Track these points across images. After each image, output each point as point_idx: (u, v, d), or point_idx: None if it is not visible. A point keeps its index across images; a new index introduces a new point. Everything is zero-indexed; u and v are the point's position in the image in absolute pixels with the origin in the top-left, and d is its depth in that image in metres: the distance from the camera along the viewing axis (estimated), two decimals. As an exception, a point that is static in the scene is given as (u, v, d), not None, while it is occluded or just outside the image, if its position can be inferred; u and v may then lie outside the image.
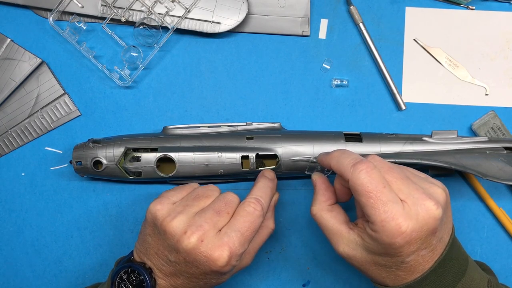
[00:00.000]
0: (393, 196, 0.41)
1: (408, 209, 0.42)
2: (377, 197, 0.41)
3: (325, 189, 0.49)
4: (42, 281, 0.60)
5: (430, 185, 0.44)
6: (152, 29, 0.59)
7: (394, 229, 0.41)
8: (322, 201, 0.49)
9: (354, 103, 0.61)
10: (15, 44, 0.60)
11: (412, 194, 0.42)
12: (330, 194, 0.49)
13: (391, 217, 0.41)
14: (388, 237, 0.41)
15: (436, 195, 0.43)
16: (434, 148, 0.56)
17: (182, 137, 0.57)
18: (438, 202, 0.43)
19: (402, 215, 0.41)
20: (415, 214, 0.41)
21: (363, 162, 0.42)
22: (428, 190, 0.44)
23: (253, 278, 0.60)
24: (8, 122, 0.60)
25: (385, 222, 0.41)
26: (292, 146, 0.56)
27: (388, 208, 0.41)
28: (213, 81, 0.61)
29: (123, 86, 0.60)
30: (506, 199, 0.60)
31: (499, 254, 0.60)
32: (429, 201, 0.42)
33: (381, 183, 0.42)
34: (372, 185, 0.41)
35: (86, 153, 0.56)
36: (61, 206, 0.61)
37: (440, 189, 0.44)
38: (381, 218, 0.41)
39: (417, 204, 0.42)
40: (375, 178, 0.42)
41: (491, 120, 0.59)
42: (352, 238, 0.46)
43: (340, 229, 0.47)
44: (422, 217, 0.42)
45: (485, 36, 0.61)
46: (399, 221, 0.41)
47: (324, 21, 0.61)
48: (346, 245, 0.46)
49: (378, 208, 0.41)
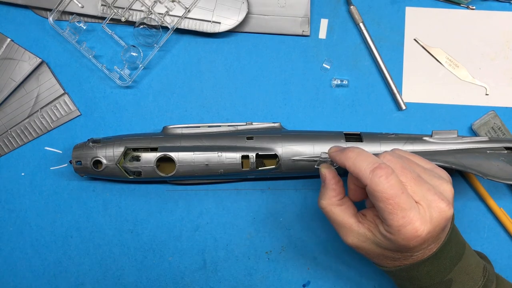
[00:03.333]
0: (410, 202, 0.42)
1: (423, 212, 0.43)
2: (395, 203, 0.42)
3: (335, 183, 0.48)
4: (42, 281, 0.60)
5: (439, 181, 0.45)
6: (152, 29, 0.59)
7: (410, 233, 0.42)
8: (332, 196, 0.48)
9: (354, 103, 0.61)
10: (15, 44, 0.60)
11: (426, 195, 0.43)
12: (340, 189, 0.48)
13: (408, 222, 0.42)
14: (403, 240, 0.43)
15: (446, 193, 0.45)
16: (434, 148, 0.56)
17: (182, 137, 0.57)
18: (449, 201, 0.44)
19: (418, 219, 0.42)
20: (430, 217, 0.43)
21: (382, 168, 0.42)
22: (439, 188, 0.45)
23: (253, 278, 0.60)
24: (8, 122, 0.60)
25: (402, 227, 0.42)
26: (292, 146, 0.56)
27: (406, 213, 0.42)
28: (213, 81, 0.61)
29: (123, 86, 0.60)
30: (506, 199, 0.60)
31: (499, 254, 0.60)
32: (441, 202, 0.43)
33: (400, 189, 0.42)
34: (391, 191, 0.42)
35: (86, 153, 0.56)
36: (61, 206, 0.60)
37: (449, 184, 0.45)
38: (399, 223, 0.42)
39: (431, 207, 0.43)
40: (394, 184, 0.42)
41: (492, 120, 0.59)
42: (362, 232, 0.46)
43: (350, 223, 0.47)
44: (436, 219, 0.43)
45: (485, 36, 0.61)
46: (416, 225, 0.42)
47: (324, 21, 0.61)
48: (355, 237, 0.47)
49: (397, 214, 0.42)
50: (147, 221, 0.60)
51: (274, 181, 0.60)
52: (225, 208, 0.60)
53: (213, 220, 0.60)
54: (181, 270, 0.60)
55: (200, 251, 0.60)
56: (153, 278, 0.60)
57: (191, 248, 0.60)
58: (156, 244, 0.60)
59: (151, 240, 0.60)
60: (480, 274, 0.47)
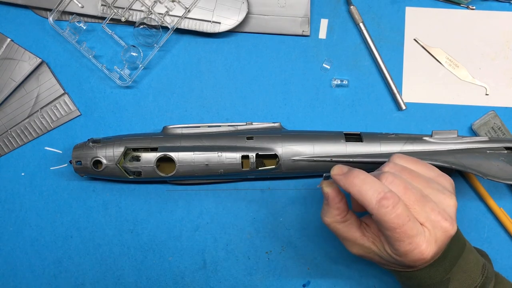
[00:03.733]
0: (417, 228, 0.43)
1: (429, 235, 0.43)
2: (403, 232, 0.42)
3: (338, 201, 0.48)
4: (42, 281, 0.60)
5: (443, 195, 0.45)
6: (152, 29, 0.59)
7: (417, 256, 0.43)
8: (336, 214, 0.48)
9: (354, 103, 0.61)
10: (15, 44, 0.60)
11: (430, 216, 0.44)
12: (343, 206, 0.48)
13: (415, 247, 0.43)
14: (410, 262, 0.44)
15: (449, 209, 0.45)
16: (434, 148, 0.56)
17: (182, 137, 0.57)
18: (452, 219, 0.44)
19: (424, 242, 0.43)
20: (435, 239, 0.43)
21: (388, 198, 0.42)
22: (442, 205, 0.45)
23: (253, 278, 0.60)
24: (8, 122, 0.60)
25: (410, 252, 0.43)
26: (292, 146, 0.56)
27: (413, 240, 0.43)
28: (213, 81, 0.61)
29: (123, 86, 0.60)
30: (506, 199, 0.60)
31: (499, 254, 0.60)
32: (445, 222, 0.44)
33: (406, 217, 0.42)
34: (398, 221, 0.42)
35: (86, 153, 0.56)
36: (60, 206, 0.60)
37: (452, 198, 0.45)
38: (406, 249, 0.43)
39: (435, 227, 0.43)
40: (401, 213, 0.42)
41: (492, 120, 0.59)
42: (367, 245, 0.47)
43: (355, 237, 0.48)
44: (440, 239, 0.44)
45: (485, 36, 0.61)
46: (422, 249, 0.43)
47: (324, 21, 0.61)
48: (360, 249, 0.48)
49: (404, 241, 0.43)
50: (147, 221, 0.60)
51: (274, 181, 0.60)
52: (225, 208, 0.60)
53: (213, 220, 0.60)
54: (181, 270, 0.60)
55: (200, 251, 0.60)
56: (153, 278, 0.60)
57: (191, 248, 0.60)
58: (156, 244, 0.60)
59: (151, 240, 0.60)
60: (478, 272, 0.47)
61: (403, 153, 0.55)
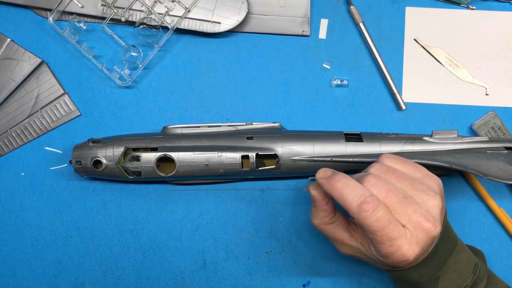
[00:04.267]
0: (398, 230, 0.43)
1: (410, 236, 0.44)
2: (383, 234, 0.43)
3: (325, 204, 0.49)
4: (42, 281, 0.60)
5: (427, 196, 0.45)
6: (152, 29, 0.59)
7: (399, 258, 0.44)
8: (324, 216, 0.49)
9: (354, 103, 0.61)
10: (15, 44, 0.60)
11: (412, 218, 0.44)
12: (330, 208, 0.49)
13: (396, 249, 0.43)
14: (393, 263, 0.45)
15: (433, 210, 0.45)
16: (434, 148, 0.56)
17: (182, 137, 0.57)
18: (435, 220, 0.45)
19: (405, 244, 0.44)
20: (416, 239, 0.44)
21: (368, 202, 0.43)
22: (426, 206, 0.45)
23: (253, 278, 0.60)
24: (8, 122, 0.60)
25: (391, 254, 0.44)
26: (292, 146, 0.56)
27: (394, 242, 0.43)
28: (213, 81, 0.61)
29: (123, 86, 0.60)
30: (506, 199, 0.60)
31: (499, 254, 0.60)
32: (427, 223, 0.44)
33: (387, 220, 0.43)
34: (378, 224, 0.43)
35: (86, 152, 0.56)
36: (60, 206, 0.60)
37: (437, 198, 0.45)
38: (388, 251, 0.44)
39: (417, 228, 0.44)
40: (381, 216, 0.43)
41: (492, 120, 0.59)
42: (355, 245, 0.49)
43: (343, 237, 0.49)
44: (422, 241, 0.44)
45: (485, 36, 0.61)
46: (404, 251, 0.44)
47: (324, 21, 0.61)
48: (349, 249, 0.49)
49: (385, 243, 0.43)
50: (147, 221, 0.60)
51: (274, 181, 0.60)
52: (225, 208, 0.60)
53: (213, 220, 0.60)
54: (181, 270, 0.60)
55: (200, 251, 0.60)
56: (153, 278, 0.60)
57: (191, 248, 0.60)
58: (156, 244, 0.60)
59: (151, 240, 0.60)
60: (470, 272, 0.47)
61: (403, 153, 0.55)
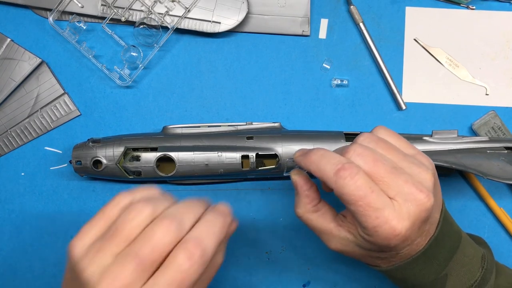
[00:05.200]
0: (383, 200, 0.39)
1: (399, 208, 0.39)
2: (366, 204, 0.39)
3: (307, 189, 0.45)
4: (41, 282, 0.60)
5: (419, 169, 0.42)
6: (152, 28, 0.59)
7: (388, 232, 0.39)
8: (306, 203, 0.45)
9: (354, 103, 0.61)
10: (15, 44, 0.60)
11: (402, 189, 0.40)
12: (313, 195, 0.45)
13: (383, 221, 0.39)
14: (383, 240, 0.40)
15: (426, 182, 0.41)
16: (434, 147, 0.56)
17: (182, 137, 0.57)
18: (428, 191, 0.40)
19: (394, 217, 0.39)
20: (407, 212, 0.39)
21: (346, 169, 0.39)
22: (418, 177, 0.41)
23: (253, 278, 0.60)
24: (8, 122, 0.60)
25: (379, 227, 0.39)
26: (292, 146, 0.56)
27: (380, 213, 0.39)
28: (213, 81, 0.61)
29: (123, 86, 0.60)
30: (506, 199, 0.60)
31: (499, 254, 0.59)
32: (419, 194, 0.40)
33: (369, 188, 0.39)
34: (359, 192, 0.39)
35: (85, 152, 0.56)
36: (60, 206, 0.60)
37: (429, 173, 0.42)
38: (374, 224, 0.39)
39: (408, 200, 0.40)
40: (361, 184, 0.39)
41: (492, 120, 0.59)
42: (343, 236, 0.44)
43: (329, 228, 0.45)
44: (414, 213, 0.40)
45: (485, 36, 0.61)
46: (393, 224, 0.39)
47: (324, 21, 0.61)
48: (338, 242, 0.45)
49: (370, 215, 0.39)
50: (147, 221, 0.60)
51: (274, 181, 0.60)
52: (225, 208, 0.60)
53: (213, 220, 0.60)
54: (181, 270, 0.60)
55: (200, 251, 0.60)
56: (153, 278, 0.60)
57: (191, 248, 0.60)
58: (156, 244, 0.60)
59: (151, 240, 0.60)
60: (478, 265, 0.45)
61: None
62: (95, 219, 0.39)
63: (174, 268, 0.35)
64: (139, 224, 0.37)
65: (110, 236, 0.36)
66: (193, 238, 0.36)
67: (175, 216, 0.37)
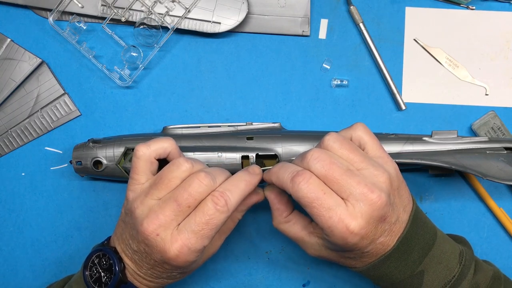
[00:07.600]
0: (334, 200, 0.43)
1: (352, 208, 0.42)
2: (319, 205, 0.42)
3: (278, 202, 0.50)
4: (42, 281, 0.60)
5: (376, 172, 0.44)
6: (152, 29, 0.59)
7: (342, 231, 0.42)
8: (278, 215, 0.50)
9: (354, 103, 0.61)
10: (15, 44, 0.60)
11: (353, 190, 0.43)
12: (284, 207, 0.50)
13: (337, 221, 0.42)
14: (340, 239, 0.43)
15: (379, 184, 0.44)
16: (434, 148, 0.56)
17: (182, 137, 0.57)
18: (380, 192, 0.43)
19: (347, 216, 0.42)
20: (360, 211, 0.42)
21: (300, 175, 0.43)
22: (372, 179, 0.44)
23: (253, 278, 0.60)
24: (8, 122, 0.60)
25: (333, 227, 0.42)
26: (292, 146, 0.56)
27: (332, 213, 0.42)
28: (213, 81, 0.61)
29: (123, 86, 0.60)
30: (506, 199, 0.60)
31: (499, 254, 0.60)
32: (370, 194, 0.42)
33: (320, 191, 0.42)
34: (312, 194, 0.42)
35: (86, 153, 0.56)
36: (61, 206, 0.61)
37: (385, 175, 0.44)
38: (328, 224, 0.42)
39: (359, 200, 0.42)
40: (314, 187, 0.42)
41: (491, 120, 0.59)
42: (314, 242, 0.49)
43: (301, 236, 0.49)
44: (366, 212, 0.42)
45: (485, 36, 0.61)
46: (346, 222, 0.42)
47: (324, 21, 0.61)
48: (312, 248, 0.49)
49: (323, 215, 0.42)
50: (147, 221, 0.60)
51: (274, 181, 0.60)
52: (225, 208, 0.60)
53: (213, 220, 0.60)
54: (181, 270, 0.60)
55: (200, 251, 0.60)
56: (153, 278, 0.60)
57: (191, 248, 0.60)
58: (156, 244, 0.60)
59: (151, 240, 0.60)
60: (456, 262, 0.47)
61: (402, 153, 0.55)
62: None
63: (203, 212, 0.44)
64: (179, 175, 0.46)
65: (155, 185, 0.46)
66: (221, 190, 0.45)
67: (209, 172, 0.46)
